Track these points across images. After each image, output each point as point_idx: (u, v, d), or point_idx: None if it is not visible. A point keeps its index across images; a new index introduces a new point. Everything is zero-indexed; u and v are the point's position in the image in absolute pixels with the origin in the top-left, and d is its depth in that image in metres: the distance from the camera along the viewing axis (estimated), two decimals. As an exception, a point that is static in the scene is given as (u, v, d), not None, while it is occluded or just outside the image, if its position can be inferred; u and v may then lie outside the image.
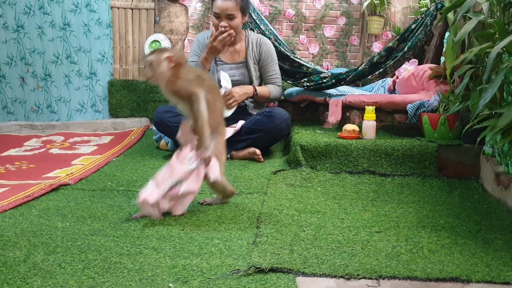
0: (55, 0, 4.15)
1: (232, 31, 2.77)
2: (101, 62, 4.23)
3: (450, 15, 2.40)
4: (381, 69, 3.10)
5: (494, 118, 1.92)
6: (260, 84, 3.09)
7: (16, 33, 4.18)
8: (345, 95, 3.10)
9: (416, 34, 2.97)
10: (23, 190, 2.18)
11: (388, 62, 3.09)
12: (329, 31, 4.23)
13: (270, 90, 3.00)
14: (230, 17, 2.86)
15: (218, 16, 2.87)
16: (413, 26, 3.03)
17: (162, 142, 3.15)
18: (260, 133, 2.81)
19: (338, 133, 2.73)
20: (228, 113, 2.80)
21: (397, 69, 3.21)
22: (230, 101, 2.81)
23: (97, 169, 2.60)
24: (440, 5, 2.91)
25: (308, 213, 1.88)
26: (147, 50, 4.00)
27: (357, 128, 2.67)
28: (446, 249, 1.52)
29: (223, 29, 2.78)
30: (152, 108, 4.06)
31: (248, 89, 2.93)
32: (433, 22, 2.97)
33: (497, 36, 2.11)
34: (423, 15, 3.01)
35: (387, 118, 2.92)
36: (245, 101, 3.01)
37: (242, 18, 2.93)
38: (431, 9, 2.96)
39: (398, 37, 3.13)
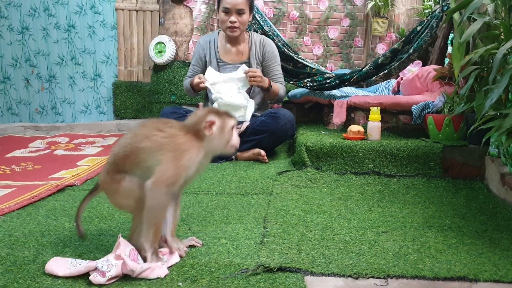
0: (60, 2, 4.16)
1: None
2: (106, 63, 4.24)
3: (456, 16, 2.40)
4: (386, 70, 3.10)
5: (499, 118, 1.92)
6: None
7: (21, 34, 4.20)
8: (349, 96, 3.10)
9: (422, 36, 2.98)
10: (30, 190, 2.19)
11: (393, 63, 3.09)
12: (333, 33, 4.24)
13: (280, 88, 3.01)
14: (240, 12, 2.89)
15: (227, 12, 2.89)
16: (418, 28, 3.03)
17: (167, 143, 3.15)
18: (265, 134, 2.81)
19: (343, 134, 2.74)
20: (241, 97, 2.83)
21: (402, 70, 3.22)
22: (256, 74, 2.82)
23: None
24: (446, 7, 2.91)
25: (314, 213, 1.88)
26: (152, 52, 4.01)
27: (362, 129, 2.67)
28: (453, 248, 1.52)
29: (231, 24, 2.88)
30: (156, 109, 4.08)
31: (266, 78, 2.94)
32: (438, 24, 2.97)
33: (502, 37, 2.12)
34: (428, 17, 3.01)
35: (392, 119, 2.92)
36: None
37: (249, 16, 2.95)
38: (437, 11, 2.96)
39: (403, 38, 3.13)
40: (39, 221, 1.76)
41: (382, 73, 3.11)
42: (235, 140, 1.42)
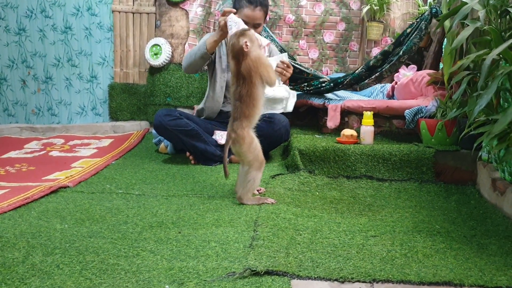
0: (56, 3, 4.17)
1: None
2: (102, 65, 4.25)
3: (447, 22, 2.42)
4: (378, 73, 3.12)
5: (491, 124, 1.93)
6: None
7: (18, 36, 4.21)
8: (343, 100, 3.12)
9: (411, 38, 3.00)
10: (23, 192, 2.19)
11: (384, 65, 3.11)
12: (329, 37, 4.25)
13: None
14: (257, 26, 2.90)
15: (245, 23, 2.90)
16: (408, 30, 3.06)
17: (162, 145, 3.17)
18: (260, 138, 2.81)
19: (336, 138, 2.75)
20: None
21: (393, 73, 3.24)
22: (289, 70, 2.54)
23: (96, 172, 2.62)
24: (434, 10, 2.93)
25: (305, 217, 1.89)
26: (147, 54, 4.02)
27: (355, 133, 2.69)
28: (440, 253, 1.53)
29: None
30: (152, 112, 4.08)
31: None
32: (427, 27, 3.00)
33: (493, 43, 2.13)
34: (418, 20, 3.04)
35: (385, 123, 2.94)
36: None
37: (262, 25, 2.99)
38: (426, 13, 2.99)
39: (394, 41, 3.16)
40: (31, 223, 1.76)
41: (374, 75, 3.13)
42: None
